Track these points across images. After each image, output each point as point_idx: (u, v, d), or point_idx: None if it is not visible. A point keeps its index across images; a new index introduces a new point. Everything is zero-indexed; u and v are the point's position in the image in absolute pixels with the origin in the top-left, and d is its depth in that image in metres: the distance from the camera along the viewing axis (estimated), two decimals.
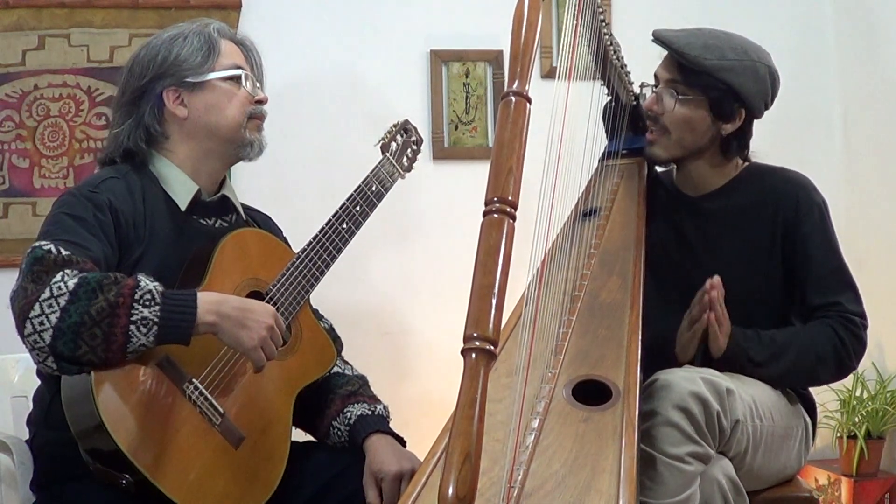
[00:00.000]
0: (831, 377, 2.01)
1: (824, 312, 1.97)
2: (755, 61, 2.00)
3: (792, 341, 1.94)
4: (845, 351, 1.94)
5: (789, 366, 1.92)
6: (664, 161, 2.12)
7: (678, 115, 2.02)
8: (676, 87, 2.02)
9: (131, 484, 1.57)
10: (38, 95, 2.72)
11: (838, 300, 1.97)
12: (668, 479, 1.64)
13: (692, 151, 2.07)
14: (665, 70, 2.05)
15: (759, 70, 2.01)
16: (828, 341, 1.94)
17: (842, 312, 1.96)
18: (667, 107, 2.02)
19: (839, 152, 3.21)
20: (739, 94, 1.99)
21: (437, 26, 2.95)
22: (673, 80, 2.02)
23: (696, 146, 2.06)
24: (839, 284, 1.99)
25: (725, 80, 1.98)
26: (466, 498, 1.04)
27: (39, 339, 1.52)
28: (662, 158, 2.10)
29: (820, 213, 2.02)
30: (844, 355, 1.94)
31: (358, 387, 1.97)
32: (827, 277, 1.99)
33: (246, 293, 1.79)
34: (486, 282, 1.14)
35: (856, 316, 1.96)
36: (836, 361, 1.95)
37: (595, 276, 1.92)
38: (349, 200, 1.98)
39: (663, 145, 2.07)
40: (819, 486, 3.00)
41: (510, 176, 1.21)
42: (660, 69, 2.07)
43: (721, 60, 1.97)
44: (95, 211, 1.71)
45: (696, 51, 1.97)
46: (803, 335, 1.95)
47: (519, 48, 1.31)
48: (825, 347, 1.93)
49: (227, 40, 1.90)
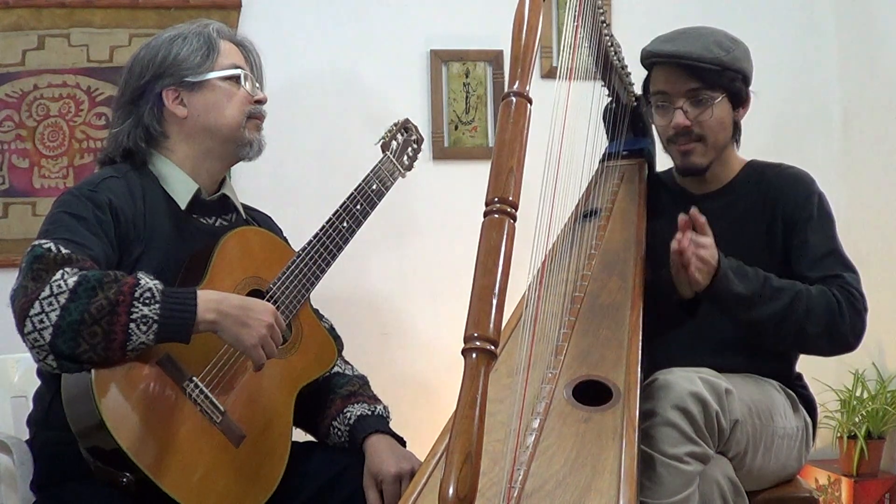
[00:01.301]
0: (821, 341, 1.90)
1: (824, 283, 1.92)
2: (739, 42, 2.04)
3: (786, 287, 1.88)
4: (840, 313, 1.87)
5: (779, 311, 1.86)
6: (705, 167, 2.06)
7: (713, 121, 2.01)
8: (701, 94, 2.00)
9: (132, 482, 1.57)
10: (37, 95, 2.72)
11: (840, 274, 1.93)
12: (666, 479, 1.64)
13: (722, 148, 2.07)
14: (678, 83, 2.00)
15: (746, 48, 2.05)
16: (821, 297, 1.88)
17: (843, 284, 1.92)
18: (701, 117, 2.00)
19: (839, 152, 3.22)
20: (748, 77, 2.03)
21: (437, 26, 2.95)
22: (694, 90, 1.99)
23: (726, 142, 2.07)
24: (841, 265, 1.96)
25: (740, 69, 2.00)
26: (467, 498, 1.04)
27: (39, 338, 1.52)
28: (703, 166, 2.05)
29: (819, 202, 2.02)
30: (839, 318, 1.87)
31: (358, 387, 1.97)
32: (825, 258, 1.97)
33: (246, 291, 1.79)
34: (487, 282, 1.15)
35: (857, 291, 1.92)
36: (828, 321, 1.87)
37: (595, 276, 1.92)
38: (350, 199, 1.98)
39: (701, 153, 2.04)
40: (819, 486, 3.00)
41: (511, 176, 1.21)
42: (667, 85, 2.02)
43: (729, 52, 2.00)
44: (95, 210, 1.71)
45: (710, 51, 1.97)
46: (800, 285, 1.90)
47: (519, 49, 1.31)
48: (818, 303, 1.87)
49: (226, 41, 1.90)
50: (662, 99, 2.04)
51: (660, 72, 2.04)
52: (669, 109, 2.02)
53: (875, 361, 3.01)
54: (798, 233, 2.00)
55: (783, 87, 3.10)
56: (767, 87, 2.14)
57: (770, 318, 1.87)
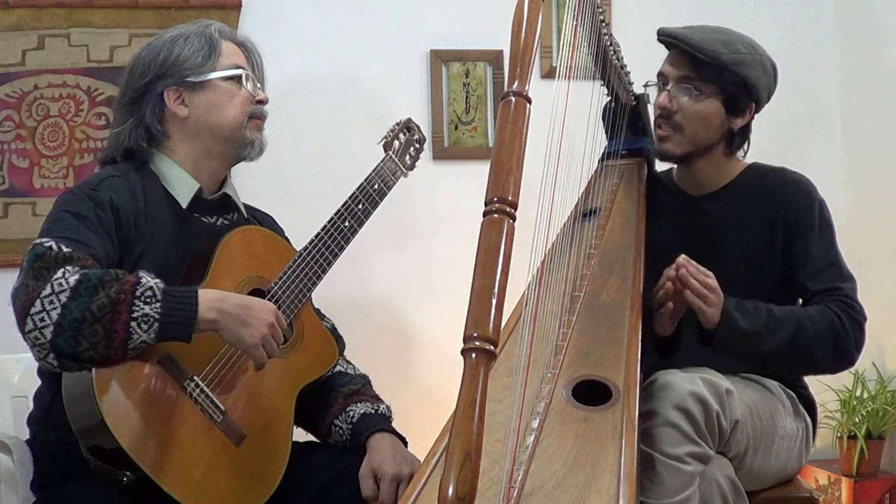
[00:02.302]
0: (829, 361, 1.91)
1: (823, 297, 1.93)
2: (762, 55, 2.02)
3: (788, 316, 1.88)
4: (844, 331, 1.88)
5: (786, 341, 1.85)
6: (676, 158, 2.08)
7: (693, 112, 2.01)
8: (691, 83, 2.00)
9: (132, 481, 1.57)
10: (37, 95, 2.72)
11: (838, 286, 1.94)
12: (667, 479, 1.64)
13: (703, 147, 2.06)
14: (674, 67, 2.02)
15: (766, 63, 2.03)
16: (825, 318, 1.88)
17: (842, 297, 1.92)
18: (683, 104, 2.00)
19: (839, 152, 3.21)
20: (752, 88, 2.00)
21: (437, 26, 2.95)
22: (686, 77, 2.00)
23: (708, 142, 2.05)
24: (839, 276, 1.96)
25: (741, 74, 1.98)
26: (467, 498, 1.04)
27: (40, 336, 1.52)
28: (675, 155, 2.07)
29: (820, 210, 2.02)
30: (843, 336, 1.88)
31: (360, 386, 1.97)
32: (826, 269, 1.96)
33: (248, 291, 1.80)
34: (486, 282, 1.15)
35: (855, 303, 1.93)
36: (834, 341, 1.88)
37: (595, 276, 1.92)
38: (352, 199, 1.98)
39: (676, 142, 2.04)
40: (819, 486, 3.00)
41: (510, 176, 1.21)
42: (667, 67, 2.05)
43: (735, 54, 1.98)
44: (96, 209, 1.72)
45: (712, 45, 1.97)
46: (800, 311, 1.91)
47: (519, 48, 1.31)
48: (822, 324, 1.87)
49: (228, 41, 1.90)
50: (660, 80, 2.06)
51: (669, 53, 2.06)
52: (662, 90, 2.04)
53: (875, 361, 3.01)
54: (799, 241, 1.99)
55: (783, 87, 3.05)
56: None
57: (778, 348, 1.86)
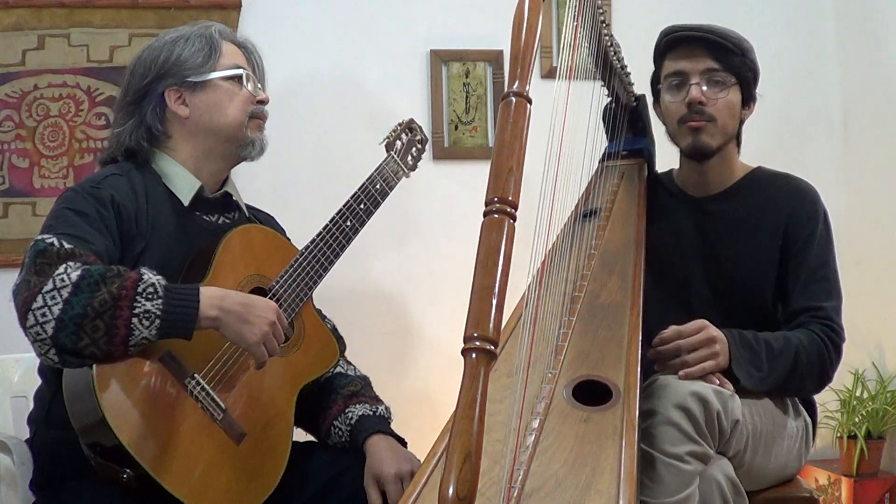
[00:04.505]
0: (814, 388, 1.97)
1: (807, 317, 1.94)
2: None
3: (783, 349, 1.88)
4: (829, 360, 1.91)
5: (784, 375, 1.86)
6: (711, 151, 2.03)
7: (724, 103, 2.00)
8: (718, 75, 1.99)
9: (132, 478, 1.57)
10: (37, 95, 2.72)
11: (822, 305, 1.94)
12: (666, 478, 1.64)
13: (729, 140, 2.06)
14: (697, 62, 1.99)
15: None
16: (814, 347, 1.89)
17: (824, 319, 1.93)
18: (713, 95, 1.99)
19: (839, 152, 3.21)
20: (757, 76, 2.04)
21: (437, 26, 2.95)
22: (712, 69, 1.99)
23: (733, 134, 2.06)
24: (826, 293, 1.96)
25: (755, 65, 2.02)
26: (467, 498, 1.04)
27: (41, 331, 1.52)
28: (711, 147, 2.02)
29: (823, 222, 2.01)
30: (829, 364, 1.91)
31: (360, 387, 1.97)
32: (815, 283, 1.97)
33: (249, 289, 1.80)
34: (487, 282, 1.15)
35: (837, 326, 1.94)
36: (821, 370, 1.91)
37: (595, 276, 1.92)
38: (353, 198, 1.98)
39: (711, 132, 2.01)
40: (819, 486, 3.00)
41: (510, 176, 1.21)
42: (685, 63, 2.00)
43: (745, 42, 2.01)
44: (98, 206, 1.72)
45: (734, 34, 2.00)
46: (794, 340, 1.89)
47: (519, 49, 1.31)
48: (813, 355, 1.89)
49: (228, 42, 1.91)
50: (677, 79, 2.02)
51: (679, 52, 2.02)
52: (684, 87, 2.01)
53: (875, 361, 3.01)
54: (798, 251, 1.99)
55: (783, 88, 3.09)
56: (767, 88, 2.13)
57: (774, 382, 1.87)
